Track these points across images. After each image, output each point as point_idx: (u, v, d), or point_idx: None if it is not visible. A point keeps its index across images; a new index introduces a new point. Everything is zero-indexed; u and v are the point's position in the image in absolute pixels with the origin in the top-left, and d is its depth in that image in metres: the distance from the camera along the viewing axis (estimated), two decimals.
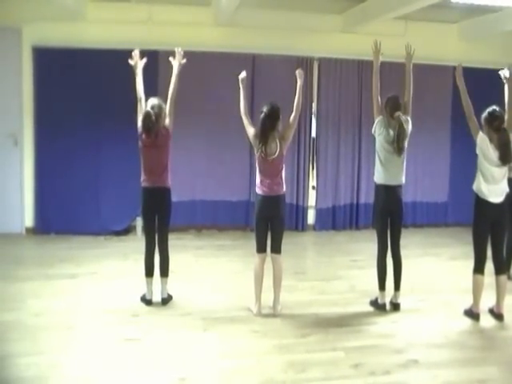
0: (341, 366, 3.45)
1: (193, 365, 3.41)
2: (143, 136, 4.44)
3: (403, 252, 4.72)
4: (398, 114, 4.40)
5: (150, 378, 3.24)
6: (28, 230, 6.71)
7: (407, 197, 7.46)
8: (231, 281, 5.14)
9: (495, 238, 4.30)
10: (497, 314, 4.25)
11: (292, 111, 4.47)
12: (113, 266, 5.45)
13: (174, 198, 6.66)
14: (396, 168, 4.44)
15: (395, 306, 4.44)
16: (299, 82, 4.62)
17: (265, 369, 3.38)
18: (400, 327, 4.10)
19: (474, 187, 4.40)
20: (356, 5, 6.55)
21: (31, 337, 3.70)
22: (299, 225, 7.23)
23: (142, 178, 4.52)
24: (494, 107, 4.43)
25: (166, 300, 4.48)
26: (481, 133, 4.36)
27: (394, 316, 4.30)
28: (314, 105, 7.25)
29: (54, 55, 6.38)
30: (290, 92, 7.09)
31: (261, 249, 4.32)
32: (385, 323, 4.15)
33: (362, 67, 7.23)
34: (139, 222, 6.84)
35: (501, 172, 4.23)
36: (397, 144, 4.34)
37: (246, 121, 4.42)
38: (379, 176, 4.48)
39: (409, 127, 4.44)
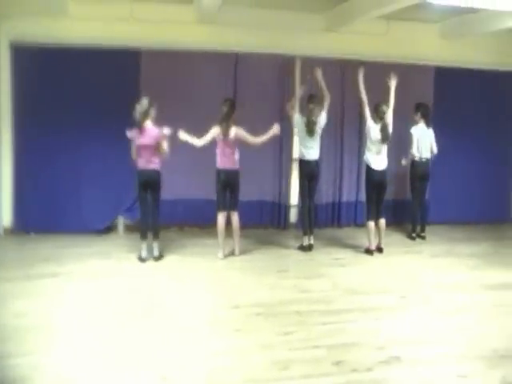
0: (323, 363, 3.46)
1: (175, 364, 3.39)
2: None
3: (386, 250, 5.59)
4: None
5: (132, 377, 3.22)
6: (6, 231, 6.57)
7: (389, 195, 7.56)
8: (214, 280, 5.12)
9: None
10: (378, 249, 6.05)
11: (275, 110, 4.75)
12: (95, 265, 5.38)
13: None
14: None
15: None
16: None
17: (247, 367, 3.38)
18: (382, 324, 4.13)
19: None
20: (339, 4, 6.56)
21: (13, 338, 3.64)
22: (281, 223, 7.24)
23: None
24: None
25: (158, 258, 5.58)
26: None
27: (376, 313, 4.33)
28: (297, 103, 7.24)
29: (34, 52, 6.24)
30: (273, 90, 7.15)
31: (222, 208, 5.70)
32: (367, 320, 4.18)
33: (344, 66, 7.26)
34: (121, 221, 6.80)
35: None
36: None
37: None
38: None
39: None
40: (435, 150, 6.73)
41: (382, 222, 6.07)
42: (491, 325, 4.17)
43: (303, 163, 6.11)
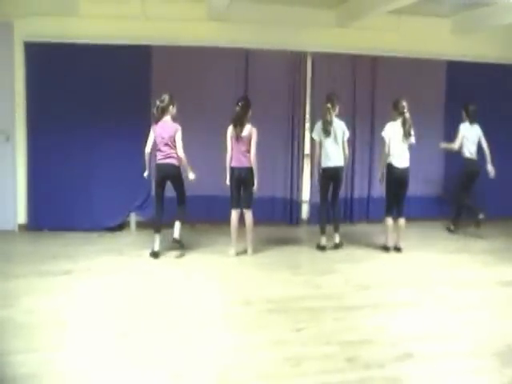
0: (335, 359, 3.44)
1: (188, 361, 3.39)
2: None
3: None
4: None
5: (144, 374, 3.22)
6: (21, 227, 6.67)
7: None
8: (226, 276, 5.13)
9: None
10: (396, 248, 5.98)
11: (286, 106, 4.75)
12: (107, 262, 5.41)
13: (168, 194, 6.69)
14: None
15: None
16: None
17: (260, 364, 3.37)
18: (394, 320, 4.10)
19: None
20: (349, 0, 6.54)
21: (24, 334, 3.66)
22: (293, 219, 7.23)
23: None
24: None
25: (177, 240, 5.60)
26: None
27: (389, 309, 4.32)
28: (308, 99, 7.24)
29: (47, 50, 6.32)
30: (284, 86, 7.13)
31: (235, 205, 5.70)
32: (379, 316, 4.16)
33: (355, 61, 7.23)
34: (133, 218, 6.83)
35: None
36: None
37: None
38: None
39: None
40: (484, 146, 6.69)
41: (402, 221, 5.96)
42: (505, 321, 4.14)
43: (324, 170, 6.00)
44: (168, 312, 4.17)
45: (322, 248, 5.99)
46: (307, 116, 7.28)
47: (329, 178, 6.00)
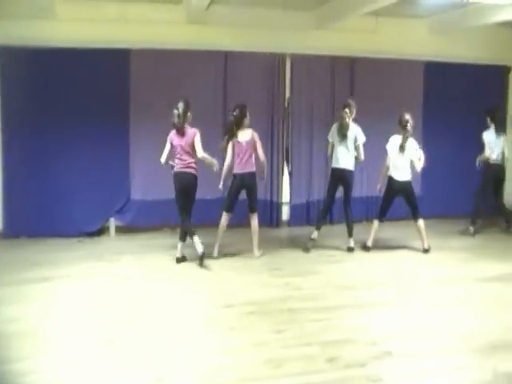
0: (316, 360, 3.45)
1: (170, 364, 3.37)
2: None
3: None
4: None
5: (126, 378, 3.20)
6: None
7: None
8: (206, 279, 5.10)
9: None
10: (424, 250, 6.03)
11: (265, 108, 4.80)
12: (87, 268, 5.34)
13: (149, 198, 6.63)
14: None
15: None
16: None
17: (241, 366, 3.36)
18: (375, 320, 4.12)
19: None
20: (328, 1, 6.56)
21: (5, 344, 3.59)
22: (273, 221, 7.22)
23: None
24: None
25: (201, 256, 5.31)
26: None
27: (369, 309, 4.33)
28: (287, 101, 7.25)
29: (22, 54, 6.22)
30: (263, 88, 7.14)
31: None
32: (360, 316, 4.17)
33: (334, 63, 7.26)
34: (112, 223, 6.76)
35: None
36: None
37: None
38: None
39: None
40: (506, 153, 6.80)
41: (420, 223, 6.01)
42: (484, 317, 4.18)
43: (332, 170, 6.15)
44: (149, 316, 4.13)
45: (311, 239, 6.06)
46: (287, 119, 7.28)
47: (336, 179, 6.09)
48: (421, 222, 6.00)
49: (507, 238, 6.83)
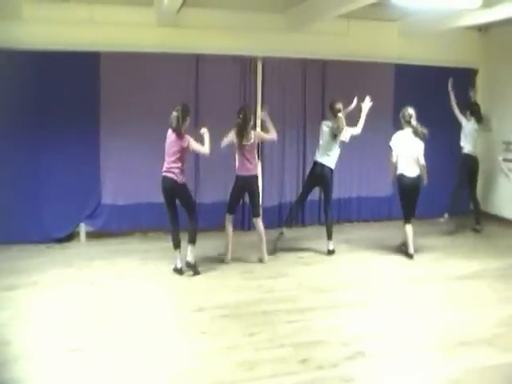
0: (289, 362, 3.45)
1: (141, 369, 3.33)
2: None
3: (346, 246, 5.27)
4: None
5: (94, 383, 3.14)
6: None
7: (352, 192, 7.60)
8: (177, 284, 5.04)
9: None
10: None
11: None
12: (56, 275, 5.21)
13: (120, 202, 6.52)
14: None
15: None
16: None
17: (213, 370, 3.34)
18: (346, 320, 4.14)
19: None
20: (299, 4, 6.58)
21: None
22: (245, 224, 7.18)
23: None
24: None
25: (190, 264, 5.17)
26: None
27: (341, 310, 4.35)
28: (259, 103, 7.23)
29: None
30: (235, 91, 7.12)
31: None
32: (331, 317, 4.19)
33: (305, 65, 7.28)
34: (83, 228, 6.62)
35: None
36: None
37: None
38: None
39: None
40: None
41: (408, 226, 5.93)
42: (453, 315, 4.24)
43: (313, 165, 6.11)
44: (120, 322, 4.08)
45: (280, 233, 6.13)
46: (257, 120, 7.25)
47: (313, 175, 6.06)
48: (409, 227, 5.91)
49: (477, 236, 6.94)
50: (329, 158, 5.97)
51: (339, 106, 5.89)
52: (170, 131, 5.26)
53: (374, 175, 7.53)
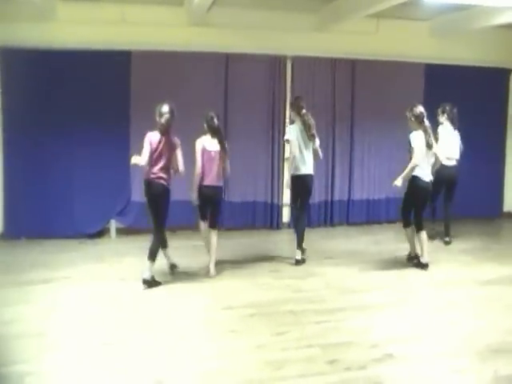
0: (317, 362, 3.45)
1: (170, 367, 3.37)
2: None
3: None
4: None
5: (126, 381, 3.20)
6: None
7: (381, 193, 7.54)
8: (206, 283, 5.09)
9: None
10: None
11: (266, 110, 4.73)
12: (88, 270, 5.34)
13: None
14: None
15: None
16: None
17: (241, 369, 3.36)
18: (375, 322, 4.12)
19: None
20: (329, 3, 6.57)
21: (3, 346, 3.59)
22: (274, 223, 7.21)
23: None
24: None
25: (145, 281, 4.82)
26: None
27: (369, 311, 4.33)
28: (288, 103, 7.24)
29: (24, 56, 6.20)
30: (264, 91, 7.14)
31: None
32: (360, 318, 4.17)
33: (335, 65, 7.27)
34: (113, 225, 6.76)
35: None
36: None
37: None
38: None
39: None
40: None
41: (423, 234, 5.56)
42: (484, 320, 4.18)
43: (295, 178, 5.51)
44: (150, 318, 4.14)
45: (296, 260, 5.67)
46: (287, 120, 7.27)
47: (303, 187, 5.59)
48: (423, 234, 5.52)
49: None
50: (310, 164, 5.52)
51: (303, 103, 5.49)
52: (155, 134, 4.82)
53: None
